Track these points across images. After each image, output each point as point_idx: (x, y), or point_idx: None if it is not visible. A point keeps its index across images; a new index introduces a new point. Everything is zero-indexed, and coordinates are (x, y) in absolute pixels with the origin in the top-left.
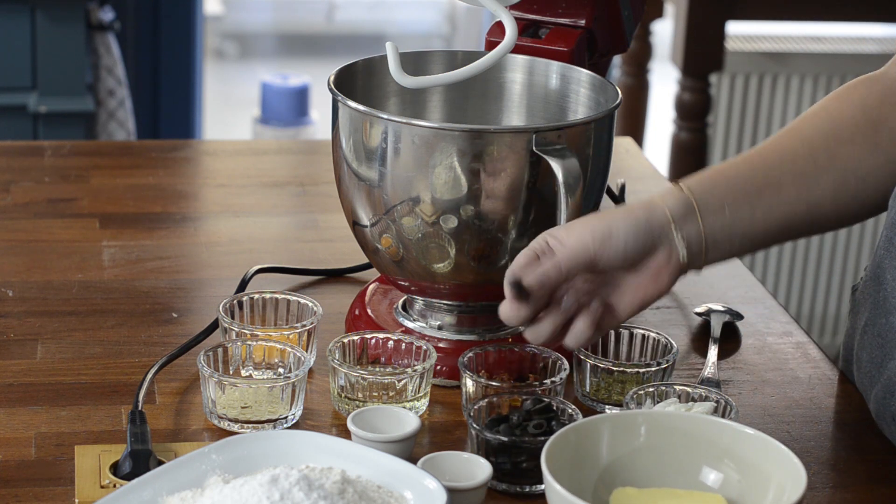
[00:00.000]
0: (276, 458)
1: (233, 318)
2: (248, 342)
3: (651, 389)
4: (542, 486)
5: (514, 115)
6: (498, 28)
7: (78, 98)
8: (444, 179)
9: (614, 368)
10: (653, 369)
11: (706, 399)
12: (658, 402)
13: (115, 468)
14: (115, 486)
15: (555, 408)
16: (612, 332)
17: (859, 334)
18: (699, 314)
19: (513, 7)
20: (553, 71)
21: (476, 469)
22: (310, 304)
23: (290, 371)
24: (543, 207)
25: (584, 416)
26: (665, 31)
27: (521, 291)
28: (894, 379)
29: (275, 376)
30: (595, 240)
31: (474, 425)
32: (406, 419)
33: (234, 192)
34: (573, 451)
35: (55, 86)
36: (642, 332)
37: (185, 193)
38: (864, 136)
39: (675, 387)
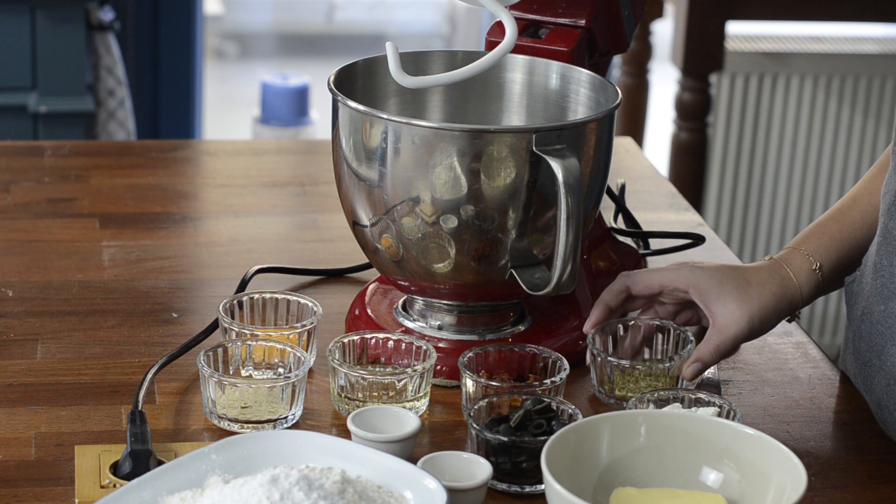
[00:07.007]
0: (276, 458)
1: (233, 318)
2: (248, 342)
3: (654, 395)
4: (542, 486)
5: (514, 115)
6: (498, 28)
7: (78, 98)
8: (444, 179)
9: (638, 367)
10: (666, 364)
11: (709, 404)
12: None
13: (115, 468)
14: (115, 486)
15: (555, 408)
16: (621, 327)
17: (856, 323)
18: None
19: (513, 7)
20: (553, 71)
21: (476, 469)
22: (310, 304)
23: (290, 371)
24: (543, 207)
25: (584, 416)
26: (665, 31)
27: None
28: None
29: (275, 376)
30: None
31: (474, 425)
32: (406, 419)
33: (234, 192)
34: (573, 451)
35: (55, 86)
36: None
37: (185, 193)
38: None
39: (679, 393)
